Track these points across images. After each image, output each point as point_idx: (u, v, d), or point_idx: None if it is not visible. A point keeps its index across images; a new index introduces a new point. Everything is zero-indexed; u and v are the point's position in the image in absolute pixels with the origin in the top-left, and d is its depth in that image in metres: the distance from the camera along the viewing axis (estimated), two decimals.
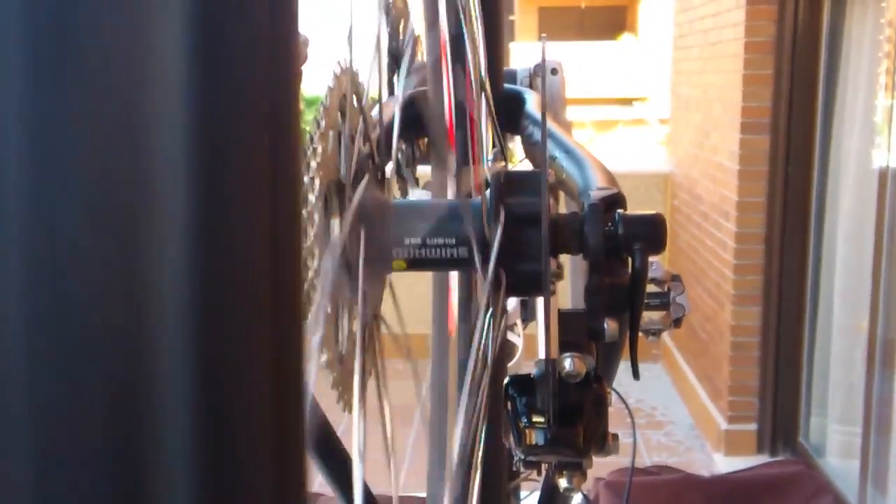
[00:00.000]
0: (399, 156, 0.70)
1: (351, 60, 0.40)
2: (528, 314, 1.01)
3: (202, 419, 0.17)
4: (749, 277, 2.85)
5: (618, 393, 0.75)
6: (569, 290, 0.83)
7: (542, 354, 0.39)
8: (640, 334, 0.55)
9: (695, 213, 3.42)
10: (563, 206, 0.53)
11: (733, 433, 2.88)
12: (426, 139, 0.70)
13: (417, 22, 0.77)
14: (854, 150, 2.50)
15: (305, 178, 0.36)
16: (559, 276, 0.43)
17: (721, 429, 2.91)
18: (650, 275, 0.63)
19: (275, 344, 0.19)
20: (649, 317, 0.62)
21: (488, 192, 0.41)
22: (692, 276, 3.26)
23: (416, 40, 0.80)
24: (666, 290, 0.62)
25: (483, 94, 0.45)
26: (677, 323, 0.63)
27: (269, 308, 0.18)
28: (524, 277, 0.41)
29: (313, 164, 0.36)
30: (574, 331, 0.39)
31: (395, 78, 0.74)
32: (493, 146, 0.47)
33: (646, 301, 0.63)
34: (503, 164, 0.45)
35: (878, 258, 2.15)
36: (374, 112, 0.47)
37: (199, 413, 0.17)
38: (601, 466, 2.08)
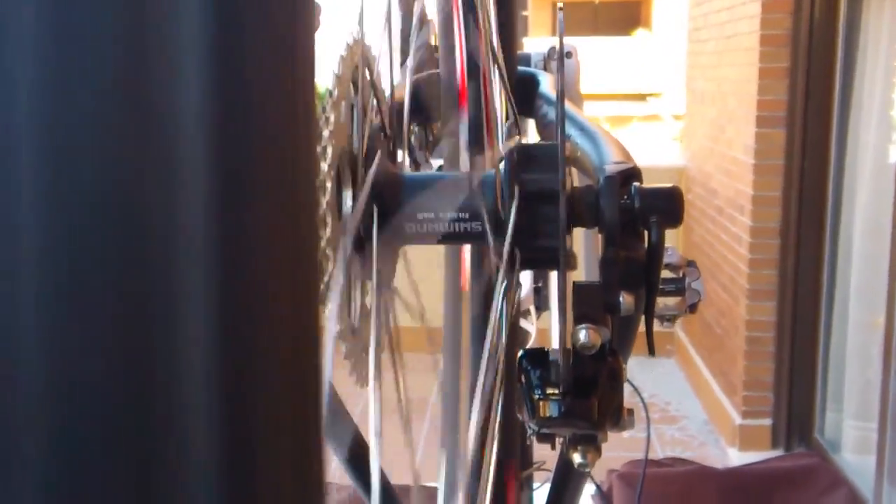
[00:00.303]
0: (411, 138, 0.69)
1: (363, 33, 0.40)
2: (541, 302, 1.01)
3: (220, 409, 0.17)
4: (764, 272, 2.83)
5: (633, 385, 0.74)
6: (582, 270, 0.83)
7: (556, 327, 0.39)
8: (655, 320, 0.54)
9: (709, 207, 3.40)
10: (578, 184, 0.53)
11: (748, 428, 2.87)
12: (439, 122, 0.70)
13: (430, 5, 0.76)
14: (871, 145, 2.48)
15: (318, 148, 0.36)
16: (573, 265, 0.43)
17: (735, 424, 2.90)
18: (665, 260, 0.63)
19: (292, 332, 0.18)
20: (664, 302, 0.62)
21: (503, 166, 0.41)
22: (707, 271, 3.25)
23: (429, 23, 0.80)
24: (681, 275, 0.62)
25: (496, 65, 0.45)
26: (692, 308, 0.63)
27: (287, 300, 0.18)
28: (540, 253, 0.40)
29: (325, 133, 0.35)
30: (589, 303, 0.39)
31: (408, 59, 0.74)
32: (507, 119, 0.47)
33: (661, 287, 0.62)
34: (518, 138, 0.45)
35: (895, 253, 2.13)
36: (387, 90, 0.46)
37: (217, 402, 0.17)
38: (615, 461, 2.07)
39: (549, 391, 0.38)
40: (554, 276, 0.41)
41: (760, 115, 2.77)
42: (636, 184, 0.40)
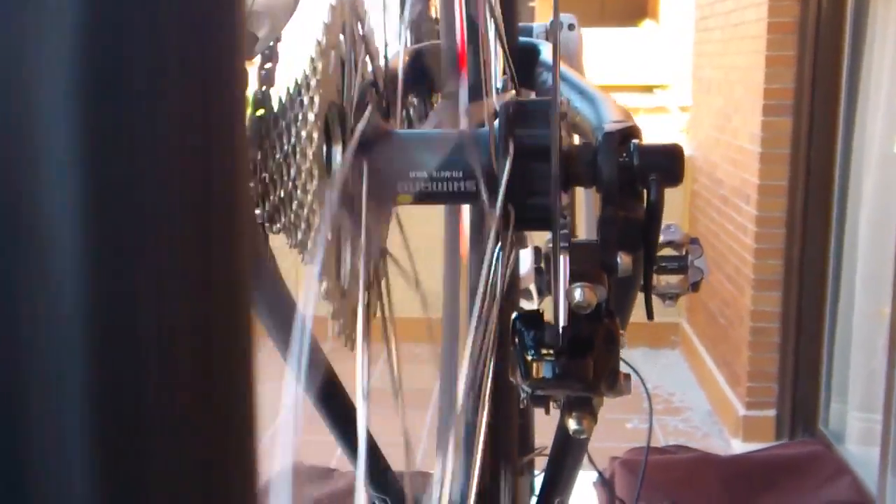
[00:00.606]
0: (409, 109, 0.68)
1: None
2: (543, 284, 1.00)
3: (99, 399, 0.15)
4: (770, 262, 2.81)
5: (638, 374, 0.73)
6: (583, 232, 0.81)
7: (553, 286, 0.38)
8: (656, 298, 0.53)
9: (715, 197, 3.38)
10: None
11: (752, 419, 2.85)
12: (437, 92, 0.69)
13: None
14: (877, 134, 2.46)
15: (305, 98, 0.34)
16: (568, 226, 0.41)
17: (739, 415, 2.89)
18: (668, 238, 0.61)
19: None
20: (666, 280, 0.60)
21: (497, 122, 0.39)
22: (712, 261, 3.23)
23: None
24: (684, 253, 0.61)
25: (493, 23, 0.43)
26: (695, 287, 0.61)
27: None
28: (534, 211, 0.39)
29: (313, 82, 0.34)
30: (586, 261, 0.37)
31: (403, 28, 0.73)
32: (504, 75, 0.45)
33: (663, 264, 0.61)
34: (513, 94, 0.43)
35: None
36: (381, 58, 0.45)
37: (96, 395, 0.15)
38: (618, 451, 2.06)
39: (544, 351, 0.37)
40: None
41: (767, 103, 2.75)
42: (635, 141, 0.39)
